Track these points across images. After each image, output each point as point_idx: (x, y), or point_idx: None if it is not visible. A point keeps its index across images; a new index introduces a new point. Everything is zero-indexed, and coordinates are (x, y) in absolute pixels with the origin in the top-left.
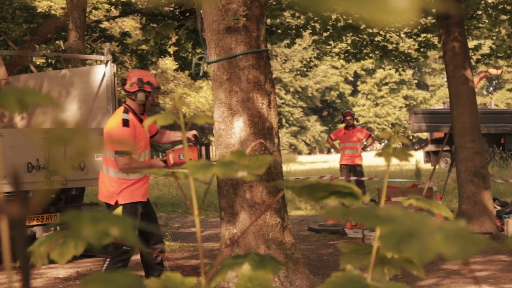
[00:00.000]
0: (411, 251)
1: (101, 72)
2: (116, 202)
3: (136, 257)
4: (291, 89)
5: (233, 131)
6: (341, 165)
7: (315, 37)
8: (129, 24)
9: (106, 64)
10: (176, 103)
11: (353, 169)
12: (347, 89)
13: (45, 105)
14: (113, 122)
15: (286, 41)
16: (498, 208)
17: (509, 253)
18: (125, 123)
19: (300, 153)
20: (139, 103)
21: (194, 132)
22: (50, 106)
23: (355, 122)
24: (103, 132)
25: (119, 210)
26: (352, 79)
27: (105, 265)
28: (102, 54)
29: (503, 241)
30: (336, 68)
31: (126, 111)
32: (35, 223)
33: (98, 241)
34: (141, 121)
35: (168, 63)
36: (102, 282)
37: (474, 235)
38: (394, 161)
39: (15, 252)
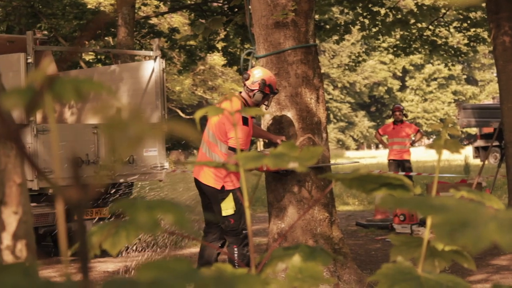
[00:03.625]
0: (465, 240)
1: (150, 67)
2: (223, 187)
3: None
4: (339, 85)
5: (282, 125)
6: (389, 160)
7: (364, 32)
8: (178, 20)
9: (155, 59)
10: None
11: (401, 164)
12: (395, 84)
13: (101, 94)
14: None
15: (335, 37)
16: None
17: None
18: (245, 121)
19: (348, 148)
20: (254, 102)
21: (283, 137)
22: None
23: (404, 118)
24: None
25: (230, 197)
26: (400, 75)
27: (235, 255)
28: (151, 49)
29: None
30: (384, 63)
31: (244, 105)
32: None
33: (153, 229)
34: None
35: (216, 59)
36: (157, 268)
37: None
38: (444, 156)
39: (73, 242)
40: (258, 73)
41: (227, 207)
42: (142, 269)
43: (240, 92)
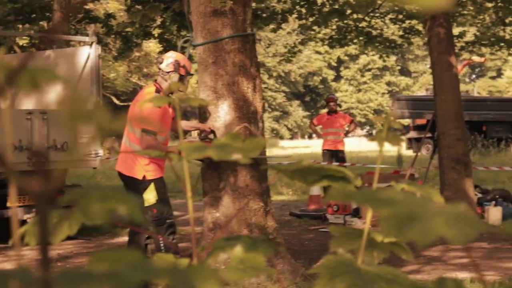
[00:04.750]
0: (413, 234)
1: (86, 53)
2: (144, 177)
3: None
4: (274, 74)
5: (218, 114)
6: (323, 150)
7: (301, 21)
8: (114, 6)
9: (91, 45)
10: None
11: (335, 155)
12: (330, 74)
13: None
14: (145, 100)
15: (272, 26)
16: (479, 195)
17: (490, 240)
18: (162, 101)
19: (282, 138)
20: None
21: (210, 125)
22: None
23: (338, 108)
24: (131, 109)
25: (152, 187)
26: (335, 65)
27: (161, 247)
28: (87, 35)
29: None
30: (320, 53)
31: (157, 91)
32: (17, 204)
33: (105, 219)
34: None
35: (151, 46)
36: (108, 260)
37: (474, 218)
38: (376, 147)
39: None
40: (172, 55)
41: (149, 197)
42: (93, 260)
43: (155, 80)
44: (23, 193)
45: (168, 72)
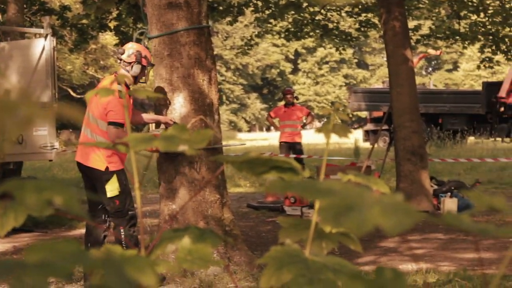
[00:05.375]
0: (349, 224)
1: (41, 45)
2: (107, 168)
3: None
4: (232, 66)
5: (174, 107)
6: (280, 142)
7: (257, 14)
8: None
9: (45, 37)
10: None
11: (292, 147)
12: (287, 67)
13: None
14: (108, 92)
15: (228, 18)
16: (435, 187)
17: (445, 231)
18: (121, 94)
19: (240, 130)
20: (134, 74)
21: (171, 118)
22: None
23: (295, 100)
24: (91, 100)
25: (114, 179)
26: (292, 57)
27: (122, 236)
28: (42, 27)
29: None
30: (277, 46)
31: (119, 83)
32: None
33: (41, 211)
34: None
35: (108, 38)
36: (45, 250)
37: (411, 208)
38: (333, 139)
39: None
40: (132, 46)
41: (112, 188)
42: (29, 251)
43: (116, 72)
44: None
45: (130, 63)
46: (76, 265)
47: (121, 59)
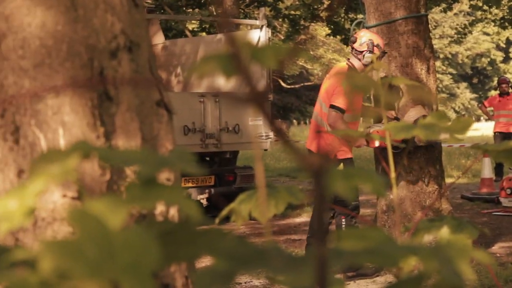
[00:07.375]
0: None
1: (256, 37)
2: (335, 157)
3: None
4: (441, 56)
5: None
6: (494, 133)
7: (472, 2)
8: None
9: (261, 29)
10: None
11: (507, 137)
12: (498, 56)
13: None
14: (337, 78)
15: (443, 6)
16: None
17: None
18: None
19: (449, 120)
20: (365, 63)
21: (393, 112)
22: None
23: (510, 90)
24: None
25: (341, 166)
26: (504, 46)
27: (343, 226)
28: (255, 19)
29: None
30: (488, 34)
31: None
32: (190, 185)
33: (350, 196)
34: None
35: (318, 28)
36: (354, 238)
37: None
38: None
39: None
40: (365, 34)
41: None
42: (341, 238)
43: (348, 59)
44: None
45: (362, 52)
46: (405, 256)
47: (353, 48)
